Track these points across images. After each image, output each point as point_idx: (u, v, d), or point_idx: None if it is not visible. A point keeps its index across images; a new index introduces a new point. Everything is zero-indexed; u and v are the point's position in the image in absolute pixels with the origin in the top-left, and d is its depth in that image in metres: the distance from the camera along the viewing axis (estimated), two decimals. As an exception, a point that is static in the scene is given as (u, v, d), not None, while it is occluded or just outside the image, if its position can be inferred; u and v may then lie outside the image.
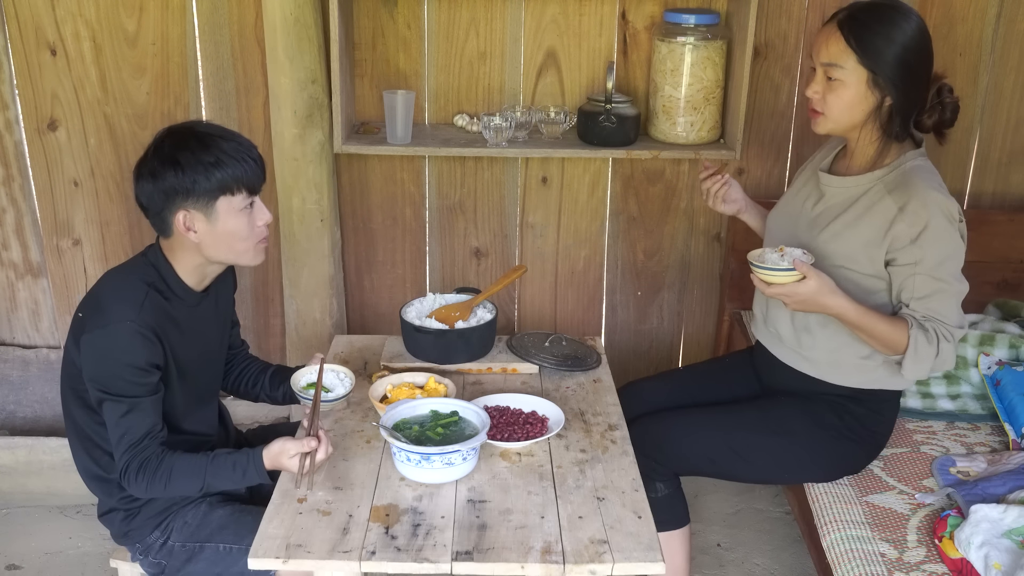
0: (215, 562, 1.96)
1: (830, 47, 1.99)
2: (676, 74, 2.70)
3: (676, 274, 3.15)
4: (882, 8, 1.99)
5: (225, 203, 1.86)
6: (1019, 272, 2.94)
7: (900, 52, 1.95)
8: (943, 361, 1.99)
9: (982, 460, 2.24)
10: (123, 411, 1.83)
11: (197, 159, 1.82)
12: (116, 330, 1.81)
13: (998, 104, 2.94)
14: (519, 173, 3.01)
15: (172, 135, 1.87)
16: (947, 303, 1.99)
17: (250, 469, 1.85)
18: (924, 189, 1.97)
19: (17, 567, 2.69)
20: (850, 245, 2.04)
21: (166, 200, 1.85)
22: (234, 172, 1.85)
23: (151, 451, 1.84)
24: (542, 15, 2.83)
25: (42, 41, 2.81)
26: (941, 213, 1.96)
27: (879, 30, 1.96)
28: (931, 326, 1.97)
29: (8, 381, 3.12)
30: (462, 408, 1.92)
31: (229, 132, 1.90)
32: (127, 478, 1.86)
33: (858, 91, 1.99)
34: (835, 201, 2.11)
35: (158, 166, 1.84)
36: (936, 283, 1.97)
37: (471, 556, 1.61)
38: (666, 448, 2.17)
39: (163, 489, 1.86)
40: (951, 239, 1.98)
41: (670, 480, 2.22)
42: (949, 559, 1.93)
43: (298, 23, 2.59)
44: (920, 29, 1.98)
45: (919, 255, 1.97)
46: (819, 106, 2.05)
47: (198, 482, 1.86)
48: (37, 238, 3.05)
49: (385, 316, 3.15)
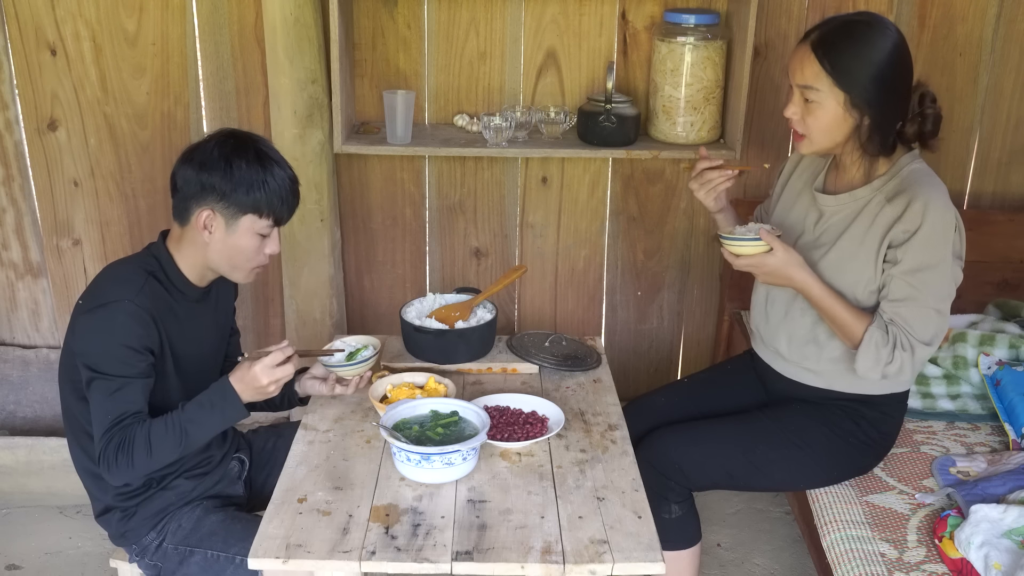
0: (205, 568, 1.95)
1: (805, 70, 1.95)
2: (676, 74, 2.70)
3: (676, 274, 3.15)
4: (855, 27, 1.94)
5: (249, 221, 1.89)
6: (1019, 272, 2.94)
7: (875, 71, 1.91)
8: (899, 369, 1.96)
9: (982, 460, 2.24)
10: (111, 390, 1.81)
11: (248, 171, 1.86)
12: (113, 309, 1.82)
13: (998, 104, 2.94)
14: (519, 173, 3.01)
15: (236, 138, 1.91)
16: (918, 314, 1.95)
17: (219, 398, 1.84)
18: (925, 192, 1.95)
19: (17, 567, 2.69)
20: (858, 262, 2.01)
21: (200, 192, 1.87)
22: (272, 198, 1.89)
23: (131, 430, 1.81)
24: (542, 15, 2.83)
25: (42, 41, 2.82)
26: (937, 220, 1.93)
27: (853, 51, 1.92)
28: (894, 330, 1.95)
29: (8, 381, 3.12)
30: (462, 408, 1.92)
31: (284, 161, 1.94)
32: (106, 462, 1.81)
33: (836, 113, 1.95)
34: (836, 219, 2.07)
35: (210, 159, 1.86)
36: (909, 289, 1.95)
37: (471, 556, 1.61)
38: (685, 467, 2.12)
39: (147, 455, 1.81)
40: (937, 250, 1.94)
41: (685, 500, 2.17)
42: (949, 559, 1.93)
43: (298, 23, 2.59)
44: (895, 44, 1.93)
45: (902, 256, 1.95)
46: (800, 127, 2.01)
47: (177, 435, 1.82)
48: (37, 238, 3.05)
49: (385, 316, 3.15)
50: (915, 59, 2.83)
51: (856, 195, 2.04)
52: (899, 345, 1.95)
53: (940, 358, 2.59)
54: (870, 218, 2.01)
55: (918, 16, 2.84)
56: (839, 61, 1.92)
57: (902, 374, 1.99)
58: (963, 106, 2.94)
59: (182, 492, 2.01)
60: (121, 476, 1.84)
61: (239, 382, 1.83)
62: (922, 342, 1.96)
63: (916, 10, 2.84)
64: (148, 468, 1.85)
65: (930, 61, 2.89)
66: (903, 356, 1.95)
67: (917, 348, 1.96)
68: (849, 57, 1.92)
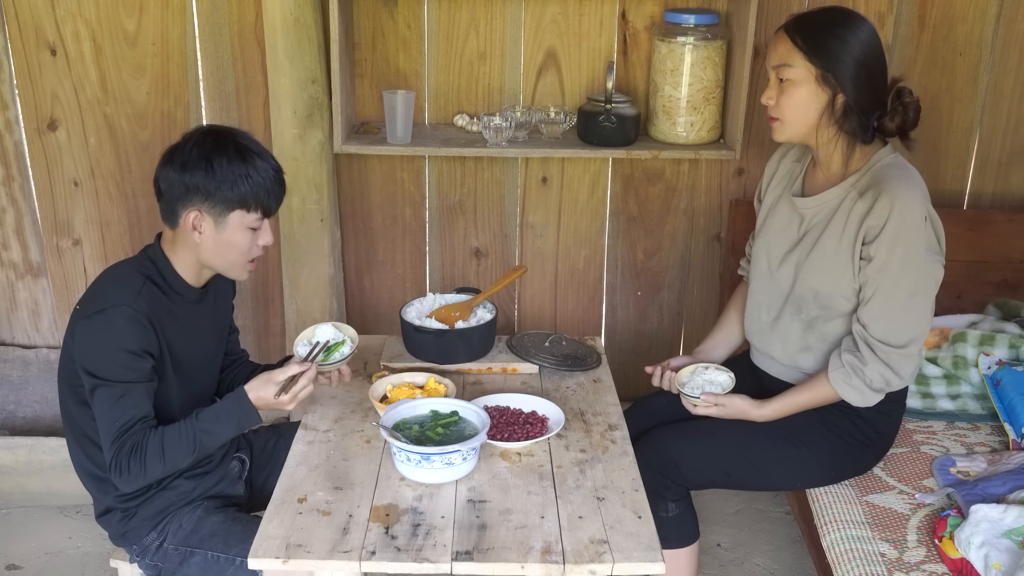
0: (205, 568, 1.95)
1: (778, 49, 2.00)
2: (676, 74, 2.70)
3: (676, 274, 3.15)
4: (829, 11, 2.02)
5: (238, 217, 1.88)
6: (1019, 272, 2.94)
7: (846, 47, 1.95)
8: (885, 383, 2.00)
9: (982, 460, 2.24)
10: (115, 396, 1.81)
11: (230, 167, 1.85)
12: (111, 314, 1.82)
13: (998, 104, 2.94)
14: (519, 173, 3.01)
15: (214, 135, 1.89)
16: (891, 316, 1.96)
17: (236, 410, 1.85)
18: (892, 186, 1.95)
19: (17, 567, 2.69)
20: (838, 260, 2.01)
21: (185, 194, 1.86)
22: (258, 191, 1.87)
23: (141, 435, 1.81)
24: (542, 15, 2.83)
25: (42, 41, 2.81)
26: (904, 214, 1.92)
27: (824, 27, 1.97)
28: (860, 354, 1.98)
29: (8, 381, 3.12)
30: (462, 408, 1.92)
31: (265, 152, 1.92)
32: (118, 469, 1.81)
33: (808, 89, 1.97)
34: (815, 221, 2.08)
35: (190, 160, 1.85)
36: (882, 289, 1.96)
37: (471, 556, 1.61)
38: (682, 466, 2.13)
39: (160, 463, 1.82)
40: (907, 244, 1.93)
41: (682, 499, 2.18)
42: (949, 559, 1.93)
43: (298, 23, 2.59)
44: (869, 31, 1.98)
45: (874, 252, 1.96)
46: (775, 112, 2.04)
47: (191, 443, 1.83)
48: (37, 238, 3.05)
49: (385, 316, 3.15)
50: (915, 59, 2.88)
51: (829, 195, 2.05)
52: (868, 365, 1.98)
53: (940, 358, 2.59)
54: (845, 215, 2.02)
55: (918, 16, 2.84)
56: (811, 36, 1.97)
57: (891, 385, 2.02)
58: (963, 106, 2.94)
59: (182, 492, 2.01)
60: (133, 482, 1.84)
61: (253, 393, 1.85)
62: (896, 347, 1.97)
63: (916, 10, 2.84)
64: (160, 475, 1.87)
65: (930, 61, 2.89)
66: (882, 370, 1.98)
67: (892, 355, 1.97)
68: (821, 32, 1.96)
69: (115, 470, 1.82)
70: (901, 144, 2.04)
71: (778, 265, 2.15)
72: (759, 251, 2.23)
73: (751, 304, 2.26)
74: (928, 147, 2.93)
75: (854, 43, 1.95)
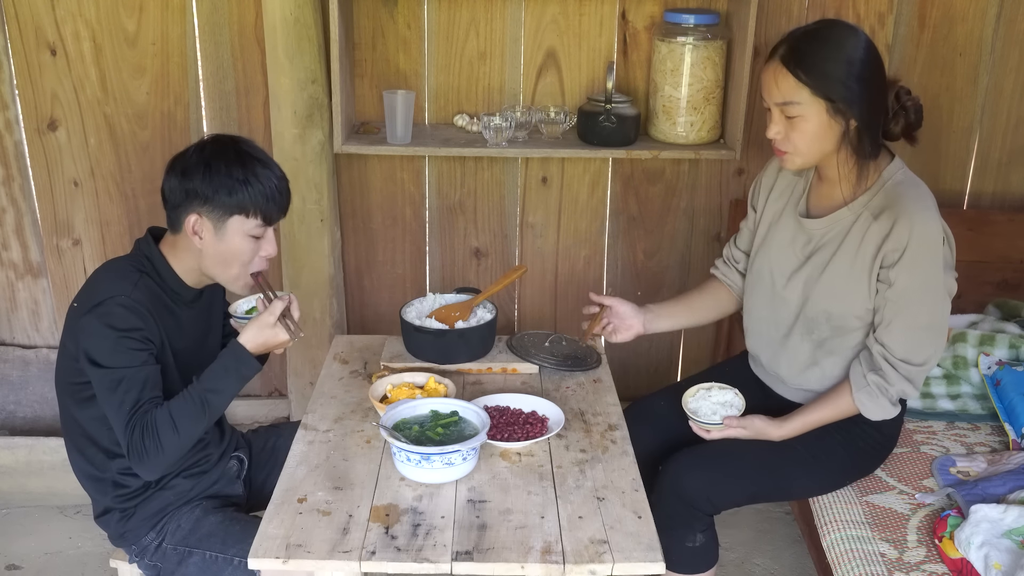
0: (203, 568, 1.95)
1: (780, 86, 1.90)
2: (676, 74, 2.70)
3: (676, 274, 3.15)
4: (821, 32, 1.92)
5: (237, 223, 1.88)
6: (1019, 272, 2.94)
7: (851, 71, 1.87)
8: (903, 393, 2.00)
9: (982, 460, 2.24)
10: (121, 382, 1.81)
11: (228, 172, 1.85)
12: (109, 304, 1.83)
13: (998, 104, 2.94)
14: (519, 173, 3.01)
15: (216, 142, 1.91)
16: (911, 337, 1.96)
17: (234, 362, 1.87)
18: (909, 208, 1.91)
19: (17, 567, 2.69)
20: (852, 282, 1.99)
21: (185, 199, 1.87)
22: (256, 197, 1.87)
23: (152, 415, 1.81)
24: (542, 15, 2.83)
25: (42, 41, 2.81)
26: (924, 236, 1.90)
27: (824, 54, 1.87)
28: (882, 373, 1.98)
29: (8, 381, 3.12)
30: (462, 408, 1.92)
31: (269, 159, 1.93)
32: (136, 454, 1.80)
33: (820, 122, 1.90)
34: (824, 241, 2.04)
35: (190, 165, 1.87)
36: (903, 312, 1.95)
37: (471, 556, 1.61)
38: (714, 497, 2.07)
39: (174, 434, 1.80)
40: (928, 267, 1.92)
41: (708, 528, 2.13)
42: (949, 559, 1.93)
43: (298, 23, 2.59)
44: (865, 41, 1.90)
45: (895, 277, 1.93)
46: (784, 146, 1.96)
47: (199, 407, 1.83)
48: (37, 238, 3.05)
49: (385, 316, 3.15)
50: (915, 59, 2.88)
51: (841, 215, 2.01)
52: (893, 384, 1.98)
53: (940, 358, 2.59)
54: (859, 236, 1.98)
55: (918, 16, 2.84)
56: (813, 68, 1.87)
57: (908, 396, 2.03)
58: (963, 106, 2.94)
59: (180, 492, 2.01)
60: (153, 464, 1.82)
61: (251, 343, 1.88)
62: (917, 365, 1.98)
63: (916, 10, 2.84)
64: (178, 449, 1.83)
65: (930, 61, 2.89)
66: (903, 386, 1.99)
67: (913, 372, 1.98)
68: (823, 61, 1.88)
69: (133, 455, 1.81)
70: (906, 142, 2.02)
71: (784, 283, 2.11)
72: (760, 268, 2.18)
73: (753, 319, 2.23)
74: (928, 147, 2.93)
75: (855, 61, 1.88)
